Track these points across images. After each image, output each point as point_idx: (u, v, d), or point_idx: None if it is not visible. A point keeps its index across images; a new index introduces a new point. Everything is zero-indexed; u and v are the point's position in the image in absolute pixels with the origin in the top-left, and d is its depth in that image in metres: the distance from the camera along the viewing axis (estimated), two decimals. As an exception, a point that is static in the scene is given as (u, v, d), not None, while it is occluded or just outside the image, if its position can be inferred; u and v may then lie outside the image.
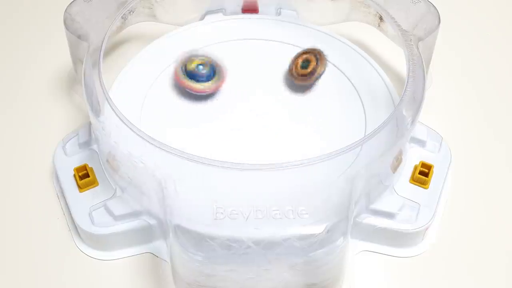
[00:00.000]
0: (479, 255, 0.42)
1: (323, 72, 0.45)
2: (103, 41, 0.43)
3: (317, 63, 0.44)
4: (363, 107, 0.45)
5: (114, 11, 0.46)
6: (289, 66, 0.46)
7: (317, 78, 0.45)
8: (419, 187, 0.43)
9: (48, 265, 0.41)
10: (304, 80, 0.45)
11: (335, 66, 0.48)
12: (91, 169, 0.43)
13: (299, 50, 0.49)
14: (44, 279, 0.41)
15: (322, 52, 0.45)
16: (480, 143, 0.48)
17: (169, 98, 0.46)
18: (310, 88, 0.45)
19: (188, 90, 0.45)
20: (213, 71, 0.45)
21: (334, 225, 0.36)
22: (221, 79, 0.45)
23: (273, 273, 0.37)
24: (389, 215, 0.41)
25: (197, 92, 0.45)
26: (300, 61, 0.45)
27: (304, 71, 0.44)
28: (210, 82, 0.45)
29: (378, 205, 0.41)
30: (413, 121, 0.40)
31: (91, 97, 0.40)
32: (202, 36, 0.50)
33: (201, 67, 0.45)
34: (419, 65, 0.42)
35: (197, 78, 0.45)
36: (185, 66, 0.45)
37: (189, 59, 0.45)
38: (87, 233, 0.41)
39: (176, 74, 0.45)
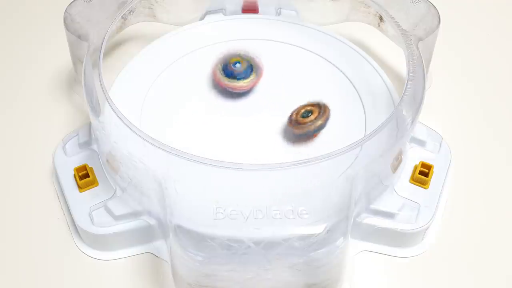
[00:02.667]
0: (479, 255, 0.42)
1: (322, 126, 0.44)
2: (103, 41, 0.43)
3: (318, 115, 0.44)
4: (363, 107, 0.45)
5: (114, 11, 0.46)
6: (291, 113, 0.45)
7: (314, 130, 0.44)
8: (419, 187, 0.43)
9: (48, 265, 0.41)
10: (300, 128, 0.44)
11: (335, 66, 0.48)
12: (91, 169, 0.43)
13: (299, 50, 0.49)
14: (44, 279, 0.41)
15: (328, 106, 0.44)
16: (480, 143, 0.48)
17: (169, 98, 0.46)
18: (306, 138, 0.44)
19: (229, 89, 0.46)
20: (251, 68, 0.46)
21: (334, 225, 0.36)
22: (259, 75, 0.46)
23: (273, 273, 0.37)
24: (389, 215, 0.41)
25: (237, 90, 0.46)
26: (302, 110, 0.44)
27: (303, 120, 0.44)
28: (248, 79, 0.46)
29: (378, 205, 0.41)
30: (413, 121, 0.40)
31: (91, 97, 0.40)
32: (202, 36, 0.50)
33: (238, 65, 0.45)
34: (419, 65, 0.42)
35: (236, 76, 0.45)
36: (223, 65, 0.46)
37: (226, 58, 0.46)
38: (87, 233, 0.41)
39: (214, 74, 0.46)
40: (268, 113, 0.45)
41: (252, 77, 0.46)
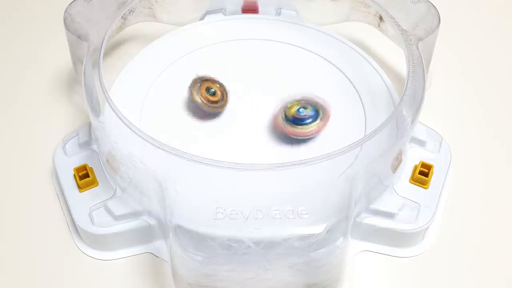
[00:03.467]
0: (479, 255, 0.42)
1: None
2: (103, 41, 0.43)
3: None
4: (363, 107, 0.45)
5: (114, 11, 0.46)
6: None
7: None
8: (419, 187, 0.43)
9: (48, 265, 0.41)
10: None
11: (335, 66, 0.48)
12: (91, 169, 0.43)
13: (299, 50, 0.49)
14: (44, 279, 0.41)
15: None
16: (480, 143, 0.48)
17: (169, 98, 0.46)
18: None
19: (295, 137, 0.43)
20: (316, 111, 0.43)
21: (334, 225, 0.36)
22: (327, 117, 0.43)
23: (273, 273, 0.37)
24: (389, 215, 0.41)
25: (305, 136, 0.43)
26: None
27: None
28: (316, 122, 0.42)
29: (378, 205, 0.41)
30: (413, 121, 0.40)
31: (91, 97, 0.40)
32: (202, 36, 0.50)
33: (302, 109, 0.42)
34: (419, 65, 0.42)
35: (301, 122, 0.42)
36: (285, 112, 0.43)
37: (288, 104, 0.43)
38: (87, 233, 0.41)
39: (277, 123, 0.43)
40: (270, 112, 0.45)
41: (318, 121, 0.43)
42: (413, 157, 0.44)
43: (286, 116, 0.43)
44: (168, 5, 0.51)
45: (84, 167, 0.43)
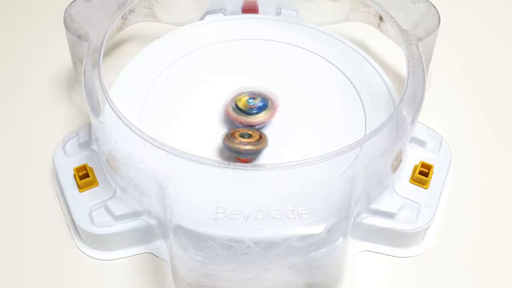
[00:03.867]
0: (479, 255, 0.42)
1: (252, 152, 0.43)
2: (103, 41, 0.43)
3: (256, 141, 0.43)
4: (363, 107, 0.45)
5: (114, 11, 0.46)
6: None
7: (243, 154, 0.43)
8: (419, 187, 0.43)
9: (48, 265, 0.41)
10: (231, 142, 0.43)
11: (335, 66, 0.48)
12: (91, 169, 0.43)
13: (299, 50, 0.49)
14: (44, 279, 0.41)
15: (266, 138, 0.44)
16: (480, 143, 0.48)
17: (169, 98, 0.46)
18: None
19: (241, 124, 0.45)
20: (264, 102, 0.45)
21: (334, 225, 0.36)
22: (274, 108, 0.45)
23: (273, 273, 0.37)
24: (389, 215, 0.41)
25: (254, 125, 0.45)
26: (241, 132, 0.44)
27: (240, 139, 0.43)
28: (263, 113, 0.45)
29: (378, 205, 0.41)
30: (413, 121, 0.40)
31: (91, 97, 0.40)
32: (202, 36, 0.50)
33: (251, 100, 0.45)
34: (419, 65, 0.42)
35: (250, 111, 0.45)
36: (235, 102, 0.45)
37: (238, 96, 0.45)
38: (87, 233, 0.41)
39: (228, 112, 0.45)
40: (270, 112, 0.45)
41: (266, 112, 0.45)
42: (413, 157, 0.44)
43: (236, 106, 0.45)
44: (168, 5, 0.51)
45: (84, 167, 0.43)
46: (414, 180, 0.43)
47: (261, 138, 0.43)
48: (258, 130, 0.44)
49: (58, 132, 0.47)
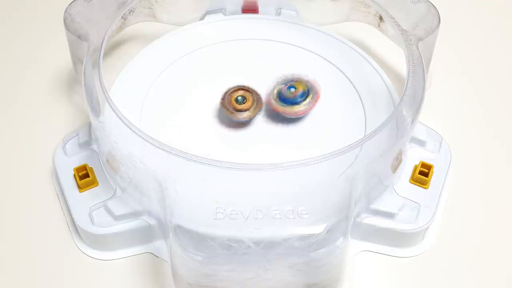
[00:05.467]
0: (479, 255, 0.42)
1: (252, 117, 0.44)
2: (103, 41, 0.43)
3: (252, 105, 0.43)
4: (363, 107, 0.45)
5: (114, 11, 0.46)
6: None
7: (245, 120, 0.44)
8: (419, 187, 0.43)
9: (48, 265, 0.41)
10: (231, 113, 0.43)
11: (335, 66, 0.48)
12: (91, 169, 0.43)
13: (299, 50, 0.49)
14: (44, 279, 0.41)
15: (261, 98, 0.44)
16: (480, 143, 0.48)
17: (169, 98, 0.46)
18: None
19: (287, 116, 0.44)
20: (307, 90, 0.44)
21: (334, 225, 0.36)
22: (316, 96, 0.44)
23: (273, 273, 0.37)
24: (389, 215, 0.41)
25: (297, 115, 0.44)
26: (238, 95, 0.44)
27: (237, 105, 0.43)
28: (306, 101, 0.43)
29: (378, 205, 0.41)
30: (413, 121, 0.40)
31: (91, 97, 0.40)
32: (202, 36, 0.50)
33: (292, 89, 0.43)
34: (419, 65, 0.42)
35: (292, 101, 0.43)
36: (277, 91, 0.44)
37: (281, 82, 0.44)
38: (87, 233, 0.41)
39: (270, 103, 0.44)
40: (269, 112, 0.45)
41: (309, 100, 0.44)
42: (413, 157, 0.44)
43: (278, 95, 0.44)
44: (168, 5, 0.51)
45: (84, 167, 0.43)
46: (414, 180, 0.43)
47: (256, 100, 0.43)
48: (253, 90, 0.44)
49: (58, 132, 0.47)
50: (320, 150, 0.37)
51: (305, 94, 0.44)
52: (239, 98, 0.43)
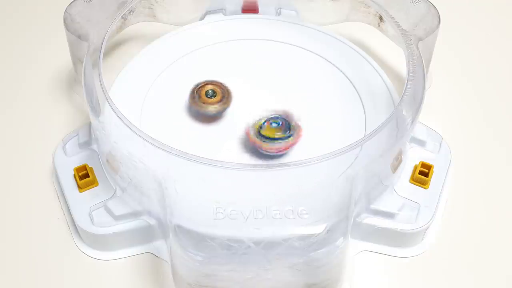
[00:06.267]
0: (479, 255, 0.42)
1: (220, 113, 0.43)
2: (103, 41, 0.43)
3: (221, 99, 0.43)
4: (363, 107, 0.45)
5: (114, 11, 0.46)
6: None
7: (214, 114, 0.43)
8: (419, 187, 0.43)
9: (48, 265, 0.41)
10: (199, 106, 0.43)
11: (335, 66, 0.48)
12: (91, 169, 0.43)
13: (299, 50, 0.49)
14: (44, 279, 0.41)
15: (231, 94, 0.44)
16: (480, 143, 0.48)
17: (169, 98, 0.46)
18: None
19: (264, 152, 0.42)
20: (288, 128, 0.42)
21: (334, 225, 0.36)
22: (298, 135, 0.42)
23: (273, 273, 0.37)
24: (389, 215, 0.41)
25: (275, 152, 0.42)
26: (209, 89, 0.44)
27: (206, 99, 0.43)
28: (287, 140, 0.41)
29: (378, 205, 0.41)
30: (413, 121, 0.40)
31: (91, 97, 0.40)
32: (202, 36, 0.50)
33: (275, 125, 0.42)
34: (419, 65, 0.42)
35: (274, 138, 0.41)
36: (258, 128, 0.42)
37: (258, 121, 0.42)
38: (87, 233, 0.41)
39: (249, 136, 0.42)
40: (269, 112, 0.45)
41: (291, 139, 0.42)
42: (413, 157, 0.44)
43: (258, 131, 0.42)
44: (168, 5, 0.51)
45: (84, 167, 0.43)
46: (414, 180, 0.43)
47: (226, 96, 0.43)
48: (224, 86, 0.44)
49: (58, 132, 0.47)
50: (320, 150, 0.37)
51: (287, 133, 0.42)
52: (210, 92, 0.43)
